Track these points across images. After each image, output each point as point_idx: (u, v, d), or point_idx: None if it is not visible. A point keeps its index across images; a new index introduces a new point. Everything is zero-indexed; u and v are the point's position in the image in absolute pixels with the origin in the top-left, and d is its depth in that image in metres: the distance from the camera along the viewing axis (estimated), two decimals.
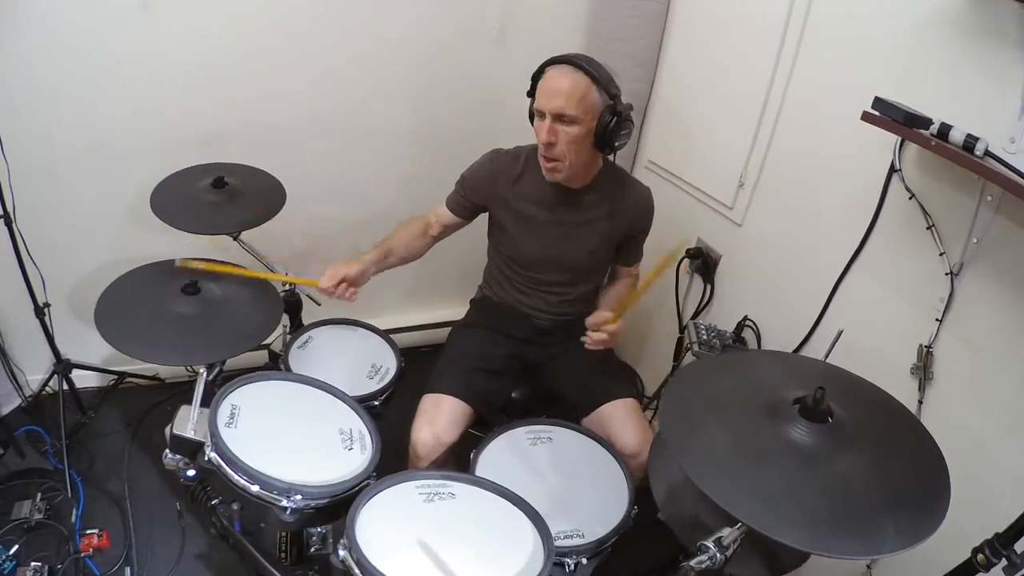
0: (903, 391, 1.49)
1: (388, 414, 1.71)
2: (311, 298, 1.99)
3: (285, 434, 1.33)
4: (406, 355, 1.82)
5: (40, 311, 1.93)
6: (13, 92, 1.79)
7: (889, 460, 1.03)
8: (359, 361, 1.75)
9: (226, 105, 2.03)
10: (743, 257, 2.02)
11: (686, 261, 2.16)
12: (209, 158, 1.88)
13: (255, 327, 1.53)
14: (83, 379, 2.18)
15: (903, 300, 1.54)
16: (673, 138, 2.25)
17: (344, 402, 1.46)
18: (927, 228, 1.44)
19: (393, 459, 1.65)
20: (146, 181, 1.78)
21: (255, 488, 1.20)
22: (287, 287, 1.88)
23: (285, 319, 1.93)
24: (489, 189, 1.71)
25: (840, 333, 1.36)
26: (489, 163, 1.72)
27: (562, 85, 1.48)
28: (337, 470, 1.28)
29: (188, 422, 1.31)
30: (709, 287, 2.12)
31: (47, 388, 2.10)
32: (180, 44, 1.90)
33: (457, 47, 2.20)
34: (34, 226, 1.88)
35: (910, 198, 1.47)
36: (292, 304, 1.93)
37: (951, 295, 1.41)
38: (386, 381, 1.70)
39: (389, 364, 1.77)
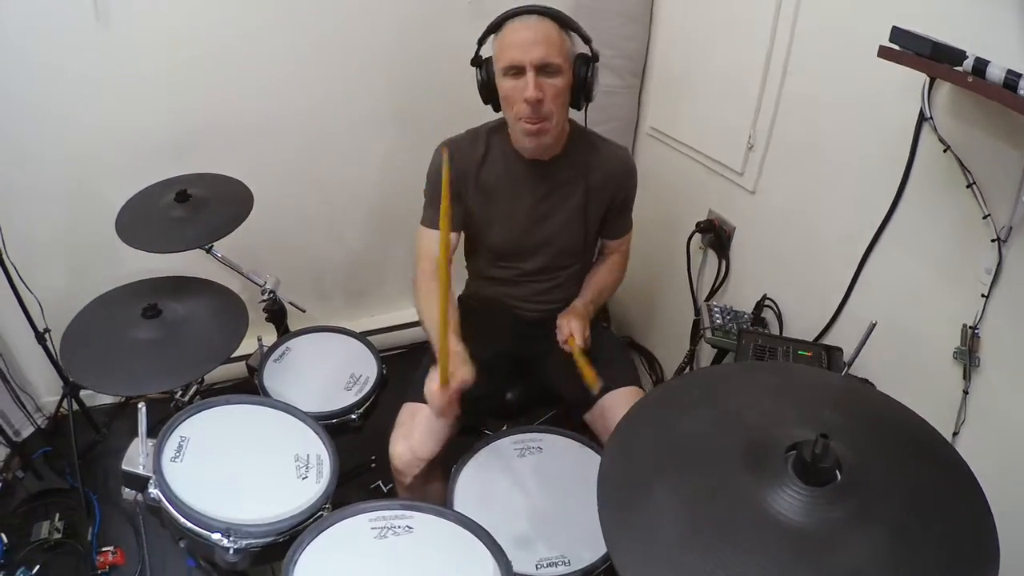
0: (946, 380, 1.28)
1: (375, 424, 1.62)
2: (294, 305, 1.92)
3: (235, 466, 1.25)
4: (404, 354, 1.71)
5: (41, 337, 1.94)
6: None
7: (916, 539, 0.72)
8: (337, 371, 1.66)
9: (192, 111, 1.96)
10: (759, 228, 1.79)
11: (697, 236, 1.94)
12: (182, 168, 1.81)
13: (218, 345, 1.46)
14: (97, 396, 2.21)
15: (942, 272, 1.30)
16: (675, 100, 2.02)
17: (305, 423, 1.37)
18: (967, 186, 1.19)
19: (384, 473, 1.57)
20: (121, 197, 1.73)
21: (193, 527, 1.13)
22: (267, 297, 1.81)
23: (269, 329, 1.88)
24: (461, 178, 1.52)
25: (872, 327, 1.15)
26: (449, 157, 1.54)
27: (534, 34, 1.30)
28: (287, 503, 1.19)
29: (138, 456, 1.25)
30: (724, 263, 1.90)
31: (61, 409, 2.13)
32: (137, 51, 1.83)
33: (429, 18, 2.04)
34: (25, 254, 1.88)
35: (945, 151, 1.22)
36: (276, 312, 1.87)
37: (999, 265, 1.17)
38: (364, 392, 1.61)
39: (369, 372, 1.67)
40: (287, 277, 1.91)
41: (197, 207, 1.66)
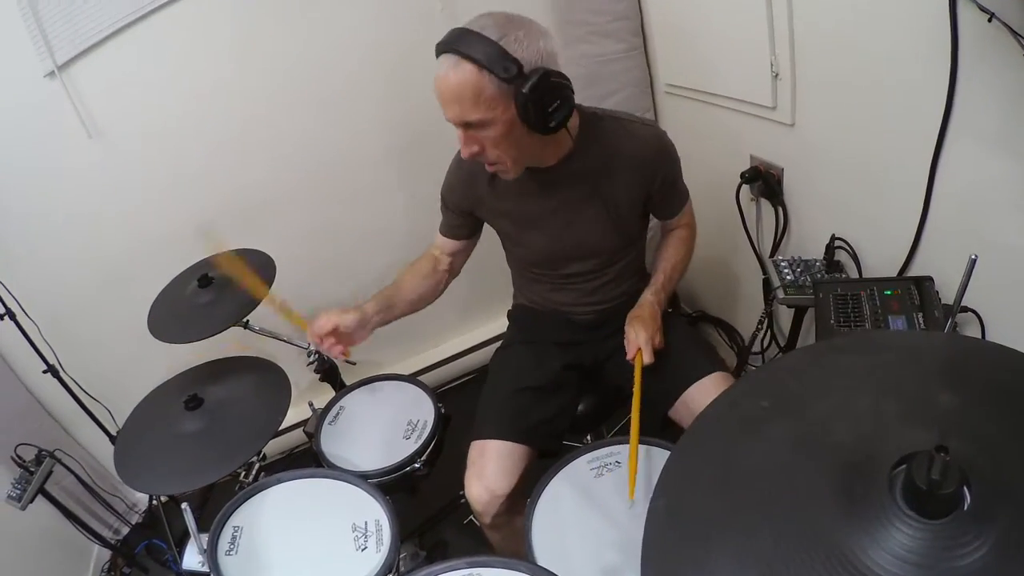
0: None
1: (453, 459, 1.52)
2: (345, 360, 1.87)
3: (291, 548, 1.19)
4: (460, 386, 1.61)
5: (115, 440, 2.00)
6: (6, 253, 1.84)
7: None
8: (394, 421, 1.59)
9: (200, 200, 1.98)
10: (808, 163, 1.58)
11: (745, 187, 1.74)
12: (202, 252, 1.80)
13: (263, 421, 1.42)
14: None
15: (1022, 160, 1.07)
16: (683, 49, 1.84)
17: (359, 487, 1.30)
18: None
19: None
20: (150, 295, 1.73)
21: None
22: (313, 359, 1.77)
23: (325, 389, 1.84)
24: (469, 195, 1.43)
25: (974, 261, 0.95)
26: (459, 168, 1.43)
27: (450, 87, 1.14)
28: None
29: (195, 555, 1.21)
30: (780, 210, 1.70)
31: (153, 502, 2.19)
32: (137, 158, 1.87)
33: (407, 37, 1.96)
34: (82, 366, 1.95)
35: (990, 20, 1.00)
36: (327, 371, 1.82)
37: None
38: (424, 438, 1.52)
39: (426, 416, 1.59)
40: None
41: (221, 288, 1.64)
